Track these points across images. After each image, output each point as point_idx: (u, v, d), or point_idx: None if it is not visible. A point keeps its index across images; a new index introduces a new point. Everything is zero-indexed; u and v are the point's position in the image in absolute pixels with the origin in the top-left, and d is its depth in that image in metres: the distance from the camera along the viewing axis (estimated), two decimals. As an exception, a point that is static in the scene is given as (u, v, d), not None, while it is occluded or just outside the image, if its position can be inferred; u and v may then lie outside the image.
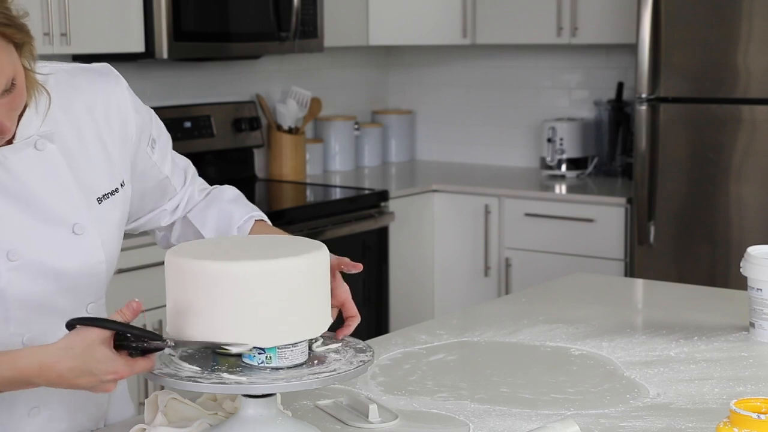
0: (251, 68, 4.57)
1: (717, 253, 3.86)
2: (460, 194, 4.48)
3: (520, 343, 2.16)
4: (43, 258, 1.59)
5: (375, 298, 4.24)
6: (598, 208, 4.19)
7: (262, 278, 1.44)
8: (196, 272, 1.45)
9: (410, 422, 1.70)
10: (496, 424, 1.69)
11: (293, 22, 4.14)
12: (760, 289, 2.11)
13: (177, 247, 1.54)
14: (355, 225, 4.09)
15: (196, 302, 1.45)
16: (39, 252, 1.59)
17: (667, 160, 3.93)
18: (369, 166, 5.04)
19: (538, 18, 4.50)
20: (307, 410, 1.74)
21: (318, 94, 4.72)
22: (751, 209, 3.81)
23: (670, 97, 3.91)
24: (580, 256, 4.20)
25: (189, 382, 1.45)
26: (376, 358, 1.99)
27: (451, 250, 4.51)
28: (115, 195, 1.70)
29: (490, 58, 5.03)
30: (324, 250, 1.52)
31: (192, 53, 3.90)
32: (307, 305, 1.48)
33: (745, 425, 1.35)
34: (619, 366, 1.99)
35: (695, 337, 2.16)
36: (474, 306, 2.69)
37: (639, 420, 1.70)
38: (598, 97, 4.75)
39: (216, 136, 4.32)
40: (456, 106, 5.16)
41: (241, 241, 1.63)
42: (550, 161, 4.64)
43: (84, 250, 1.63)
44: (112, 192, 1.69)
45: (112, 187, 1.69)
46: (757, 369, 1.97)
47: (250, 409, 1.51)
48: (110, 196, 1.68)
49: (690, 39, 3.85)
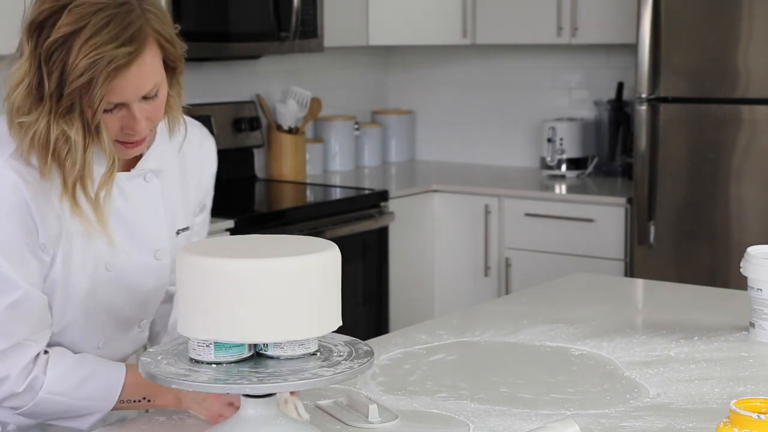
0: (251, 68, 4.57)
1: (717, 253, 3.86)
2: (460, 194, 4.48)
3: (520, 343, 2.16)
4: (130, 274, 1.79)
5: (375, 298, 4.24)
6: (598, 208, 4.18)
7: (277, 276, 1.45)
8: (209, 270, 1.45)
9: (410, 422, 1.70)
10: (496, 424, 1.69)
11: (293, 22, 4.14)
12: (760, 289, 2.11)
13: (189, 245, 1.57)
14: (355, 225, 4.09)
15: (208, 300, 1.45)
16: (127, 268, 1.78)
17: (667, 160, 3.93)
18: (369, 166, 5.04)
19: (538, 18, 4.50)
20: (307, 410, 1.74)
21: (318, 94, 4.72)
22: (751, 209, 3.81)
23: (670, 97, 3.91)
24: (580, 256, 4.20)
25: (189, 381, 1.45)
26: (376, 358, 1.99)
27: (451, 250, 4.51)
28: (186, 232, 1.89)
29: (490, 58, 5.03)
30: (335, 249, 1.53)
31: (192, 53, 3.85)
32: (317, 303, 1.49)
33: (745, 425, 1.35)
34: (619, 366, 1.99)
35: (695, 337, 2.16)
36: (474, 306, 2.69)
37: (639, 420, 1.70)
38: (598, 97, 4.75)
39: (216, 136, 4.29)
40: (456, 106, 5.16)
41: (253, 239, 1.63)
42: (550, 161, 4.63)
43: (160, 274, 1.83)
44: (184, 228, 1.88)
45: (186, 225, 1.89)
46: (757, 369, 1.97)
47: (250, 409, 1.52)
48: (183, 232, 1.88)
49: (690, 39, 3.85)
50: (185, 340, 1.56)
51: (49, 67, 1.56)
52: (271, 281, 1.45)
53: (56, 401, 1.69)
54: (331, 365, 1.50)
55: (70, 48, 1.55)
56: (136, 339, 1.90)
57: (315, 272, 1.48)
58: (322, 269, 1.49)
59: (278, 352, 1.51)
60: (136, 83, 1.60)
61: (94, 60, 1.54)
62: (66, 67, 1.55)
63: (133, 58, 1.58)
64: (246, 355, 1.51)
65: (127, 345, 1.89)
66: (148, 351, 1.57)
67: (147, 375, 1.50)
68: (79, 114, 1.58)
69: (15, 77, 1.58)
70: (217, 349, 1.49)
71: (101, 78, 1.55)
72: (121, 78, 1.58)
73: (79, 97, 1.56)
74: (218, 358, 1.50)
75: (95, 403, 1.72)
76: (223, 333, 1.46)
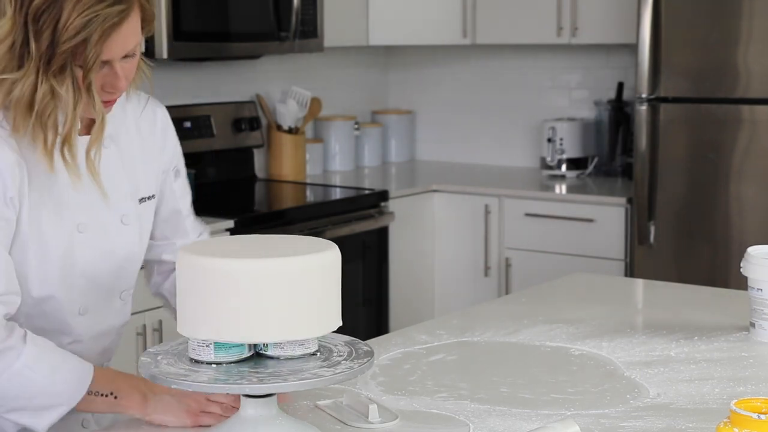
0: (251, 68, 4.57)
1: (717, 253, 3.86)
2: (460, 194, 4.48)
3: (520, 343, 2.16)
4: (101, 237, 1.79)
5: (375, 298, 4.24)
6: (598, 208, 4.19)
7: (277, 276, 1.45)
8: (209, 270, 1.45)
9: (410, 422, 1.70)
10: (496, 424, 1.69)
11: (293, 22, 4.14)
12: (760, 289, 2.11)
13: (189, 245, 1.57)
14: (355, 225, 4.09)
15: (208, 300, 1.45)
16: (98, 231, 1.78)
17: (667, 160, 3.93)
18: (369, 166, 5.04)
19: (538, 18, 4.50)
20: (307, 410, 1.74)
21: (318, 94, 4.72)
22: (751, 209, 3.81)
23: (670, 97, 3.91)
24: (580, 256, 4.20)
25: (189, 381, 1.45)
26: (376, 358, 1.99)
27: (451, 250, 4.51)
28: (151, 201, 1.89)
29: (490, 58, 5.03)
30: (335, 249, 1.53)
31: (192, 53, 3.90)
32: (317, 303, 1.49)
33: (745, 425, 1.35)
34: (619, 366, 1.99)
35: (695, 337, 2.16)
36: (474, 306, 2.69)
37: (639, 420, 1.70)
38: (598, 97, 4.75)
39: (216, 136, 4.32)
40: (456, 106, 5.16)
41: (253, 239, 1.63)
42: (550, 161, 4.63)
43: (128, 239, 1.83)
44: (148, 197, 1.88)
45: (149, 194, 1.88)
46: (757, 369, 1.97)
47: (250, 409, 1.52)
48: (147, 201, 1.88)
49: (690, 39, 3.85)
50: (185, 340, 1.56)
51: (38, 27, 1.58)
52: (271, 281, 1.45)
53: (30, 379, 1.62)
54: (331, 365, 1.50)
55: (61, 8, 1.57)
56: (119, 312, 1.89)
57: (315, 272, 1.48)
58: (322, 269, 1.49)
59: (278, 352, 1.51)
60: (124, 41, 1.63)
61: (90, 19, 1.57)
62: (57, 27, 1.57)
63: (125, 16, 1.61)
64: (246, 355, 1.51)
65: (111, 317, 1.87)
66: (147, 351, 1.57)
67: (147, 375, 1.50)
68: (69, 72, 1.60)
69: None
70: (217, 349, 1.49)
71: (95, 36, 1.58)
72: (114, 36, 1.60)
73: (71, 56, 1.59)
74: (218, 358, 1.50)
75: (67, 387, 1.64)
76: (223, 333, 1.46)
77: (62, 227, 1.73)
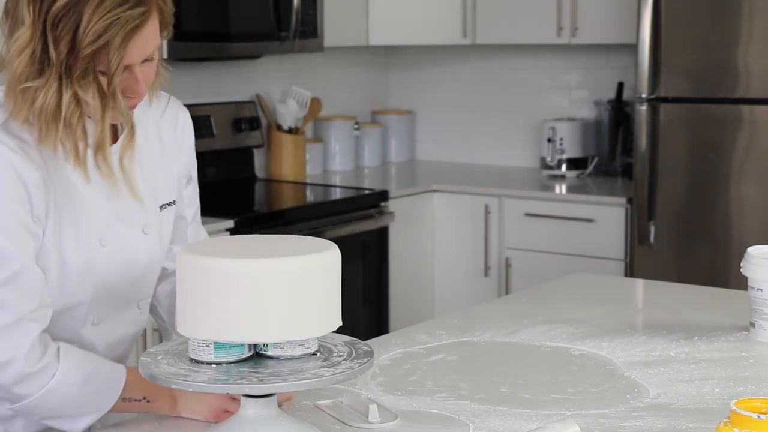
0: (251, 68, 4.57)
1: (717, 253, 3.86)
2: (460, 194, 4.48)
3: (520, 343, 2.16)
4: (123, 249, 1.77)
5: (375, 298, 4.24)
6: (598, 208, 4.18)
7: (277, 276, 1.45)
8: (209, 270, 1.45)
9: (410, 422, 1.70)
10: (496, 424, 1.69)
11: (293, 22, 4.14)
12: (760, 289, 2.11)
13: (190, 245, 1.57)
14: (355, 225, 4.09)
15: (208, 300, 1.45)
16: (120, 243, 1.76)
17: (667, 160, 3.93)
18: (369, 166, 5.04)
19: (538, 18, 4.50)
20: (307, 410, 1.74)
21: (318, 94, 4.72)
22: (751, 209, 3.81)
23: (670, 97, 3.90)
24: (580, 256, 4.20)
25: (189, 381, 1.45)
26: (376, 358, 1.99)
27: (451, 250, 4.51)
28: (171, 207, 1.87)
29: (490, 58, 5.03)
30: (335, 249, 1.53)
31: (192, 53, 3.90)
32: (317, 303, 1.49)
33: (745, 425, 1.35)
34: (619, 366, 1.99)
35: (695, 337, 2.16)
36: (474, 306, 2.69)
37: (639, 420, 1.70)
38: (598, 97, 4.75)
39: (216, 136, 4.32)
40: (456, 106, 5.16)
41: (253, 240, 1.63)
42: (550, 161, 4.63)
43: (151, 249, 1.82)
44: (169, 204, 1.86)
45: (169, 200, 1.86)
46: (757, 369, 1.97)
47: (250, 409, 1.52)
48: (167, 207, 1.86)
49: (690, 39, 3.85)
50: (185, 340, 1.56)
51: (57, 33, 1.55)
52: (271, 281, 1.45)
53: (64, 394, 1.64)
54: (331, 365, 1.50)
55: (80, 13, 1.54)
56: (135, 321, 1.87)
57: (315, 272, 1.48)
58: (322, 269, 1.49)
59: (278, 352, 1.51)
60: (144, 44, 1.60)
61: (111, 22, 1.55)
62: (78, 32, 1.55)
63: (146, 18, 1.59)
64: (246, 355, 1.51)
65: (126, 326, 1.86)
66: (148, 351, 1.57)
67: (147, 375, 1.50)
68: (93, 78, 1.57)
69: (16, 46, 1.56)
70: (217, 349, 1.49)
71: (117, 40, 1.56)
72: (135, 39, 1.58)
73: (93, 61, 1.56)
74: (218, 358, 1.50)
75: (99, 397, 1.68)
76: (223, 333, 1.46)
77: (84, 241, 1.71)
